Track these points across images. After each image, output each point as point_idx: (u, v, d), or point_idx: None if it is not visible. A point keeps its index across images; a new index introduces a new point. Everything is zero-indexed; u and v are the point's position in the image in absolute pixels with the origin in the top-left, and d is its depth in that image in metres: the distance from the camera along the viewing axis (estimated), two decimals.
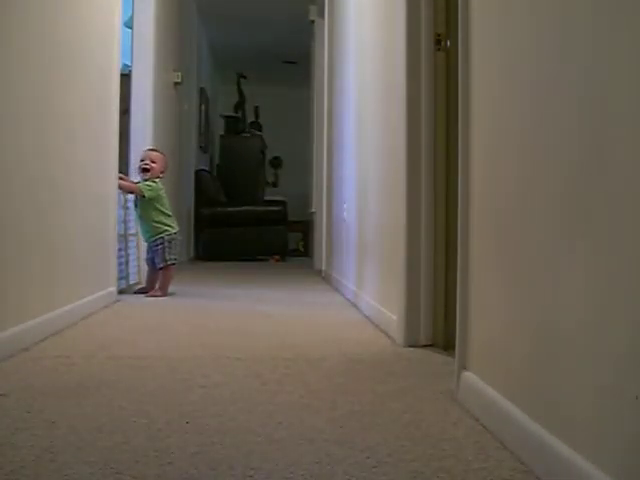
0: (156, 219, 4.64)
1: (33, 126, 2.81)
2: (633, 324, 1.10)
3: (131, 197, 4.75)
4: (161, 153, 4.85)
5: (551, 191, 1.43)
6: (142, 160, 4.70)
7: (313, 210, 7.78)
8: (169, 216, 4.72)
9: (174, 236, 4.71)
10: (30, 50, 2.76)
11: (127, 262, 4.78)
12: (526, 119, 1.59)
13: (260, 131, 11.05)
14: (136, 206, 4.69)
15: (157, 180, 4.66)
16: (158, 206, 4.64)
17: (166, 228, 4.66)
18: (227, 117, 10.77)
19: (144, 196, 4.57)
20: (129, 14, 5.49)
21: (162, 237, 4.63)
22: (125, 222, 4.75)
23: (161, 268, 4.63)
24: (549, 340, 1.42)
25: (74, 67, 3.41)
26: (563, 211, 1.37)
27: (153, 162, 4.66)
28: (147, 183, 4.60)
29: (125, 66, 5.24)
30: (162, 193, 4.68)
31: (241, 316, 3.75)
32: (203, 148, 9.63)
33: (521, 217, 1.60)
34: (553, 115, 1.43)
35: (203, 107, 9.48)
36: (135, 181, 4.72)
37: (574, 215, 1.32)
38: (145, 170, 4.64)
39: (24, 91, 2.71)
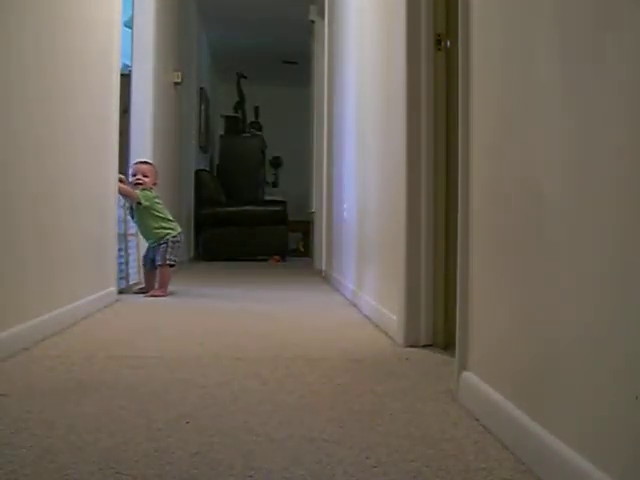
0: (156, 225, 4.72)
1: (34, 126, 2.81)
2: (635, 323, 1.10)
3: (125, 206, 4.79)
4: (151, 165, 4.91)
5: (553, 190, 1.43)
6: (134, 175, 4.76)
7: (313, 210, 7.78)
8: (169, 220, 4.78)
9: (178, 237, 4.79)
10: (29, 51, 2.75)
11: (127, 262, 4.79)
12: (527, 119, 1.59)
13: (260, 131, 11.05)
14: (132, 217, 4.75)
15: (151, 189, 4.73)
16: (155, 213, 4.72)
17: (168, 231, 4.74)
18: (227, 117, 10.77)
19: (140, 203, 4.64)
20: (129, 14, 5.49)
21: (167, 240, 4.69)
22: (125, 222, 4.76)
23: (160, 265, 4.65)
24: (549, 340, 1.42)
25: (74, 67, 3.41)
26: (564, 210, 1.37)
27: (145, 176, 4.72)
28: (142, 189, 4.67)
29: (125, 66, 5.24)
30: (157, 200, 4.77)
31: (241, 316, 3.75)
32: (203, 148, 9.63)
33: (522, 217, 1.60)
34: (554, 114, 1.43)
35: (203, 107, 9.47)
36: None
37: (575, 213, 1.32)
38: (138, 184, 4.70)
39: (25, 91, 2.70)
